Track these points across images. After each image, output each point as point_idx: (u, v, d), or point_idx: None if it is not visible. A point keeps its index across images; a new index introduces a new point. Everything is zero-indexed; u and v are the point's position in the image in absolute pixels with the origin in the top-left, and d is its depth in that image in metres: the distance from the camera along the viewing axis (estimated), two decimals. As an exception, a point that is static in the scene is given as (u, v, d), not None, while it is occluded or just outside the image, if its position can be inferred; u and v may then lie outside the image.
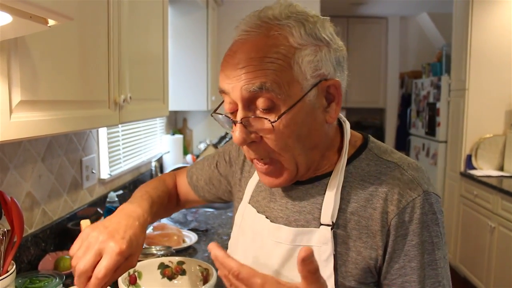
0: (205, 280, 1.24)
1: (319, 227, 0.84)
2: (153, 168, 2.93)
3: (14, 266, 1.12)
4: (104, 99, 1.36)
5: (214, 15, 3.45)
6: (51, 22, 0.79)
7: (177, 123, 3.90)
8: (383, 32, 6.22)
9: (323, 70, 0.78)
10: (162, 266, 1.31)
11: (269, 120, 0.76)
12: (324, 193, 0.86)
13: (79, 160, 1.95)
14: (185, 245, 1.78)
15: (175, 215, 2.30)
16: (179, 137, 3.39)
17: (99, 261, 0.80)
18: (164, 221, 2.21)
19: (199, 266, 1.29)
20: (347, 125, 0.92)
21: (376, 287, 0.84)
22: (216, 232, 2.02)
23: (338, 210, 0.83)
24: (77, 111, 1.18)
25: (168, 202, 1.15)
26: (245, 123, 0.78)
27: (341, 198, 0.84)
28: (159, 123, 3.34)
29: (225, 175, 1.13)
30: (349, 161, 0.87)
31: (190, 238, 1.86)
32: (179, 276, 1.30)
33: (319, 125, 0.82)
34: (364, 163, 0.87)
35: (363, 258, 0.81)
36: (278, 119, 0.76)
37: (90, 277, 0.80)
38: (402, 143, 5.97)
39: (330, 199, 0.84)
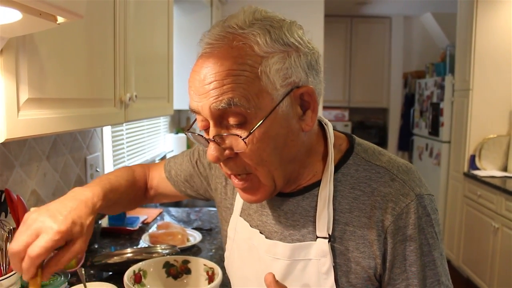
0: (211, 279, 1.24)
1: (315, 240, 0.83)
2: (157, 167, 2.92)
3: (21, 264, 1.12)
4: (110, 97, 1.36)
5: (218, 14, 3.45)
6: (60, 19, 0.79)
7: (181, 122, 3.90)
8: (386, 32, 6.21)
9: (293, 77, 0.74)
10: (167, 265, 1.31)
11: (241, 136, 0.72)
12: (316, 205, 0.84)
13: (84, 159, 1.96)
14: (189, 244, 1.77)
15: (178, 214, 2.30)
16: (182, 136, 3.39)
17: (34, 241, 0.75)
18: (168, 219, 2.21)
19: (205, 265, 1.29)
20: (329, 128, 0.88)
21: None
22: (220, 231, 2.01)
23: (333, 222, 0.82)
24: (83, 109, 1.18)
25: (133, 192, 1.09)
26: (218, 141, 0.75)
27: (334, 209, 0.82)
28: (162, 122, 3.34)
29: (205, 175, 1.09)
30: (337, 168, 0.84)
31: (194, 237, 1.86)
32: (184, 275, 1.30)
33: (295, 135, 0.78)
34: (353, 169, 0.84)
35: (362, 268, 0.81)
36: (249, 134, 0.72)
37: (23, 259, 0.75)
38: (405, 143, 5.97)
39: (323, 211, 0.82)
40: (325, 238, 0.81)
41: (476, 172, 3.82)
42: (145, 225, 2.09)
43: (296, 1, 4.19)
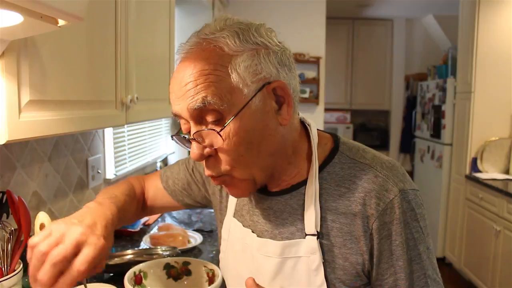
0: (211, 281, 1.24)
1: (305, 238, 0.85)
2: (158, 169, 2.93)
3: (22, 265, 1.13)
4: (111, 99, 1.37)
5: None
6: (61, 22, 0.79)
7: (182, 124, 3.90)
8: (388, 34, 6.22)
9: (263, 73, 0.77)
10: (168, 267, 1.31)
11: (217, 131, 0.76)
12: (303, 203, 0.86)
13: (85, 160, 1.96)
14: (190, 245, 1.78)
15: (179, 216, 2.31)
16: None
17: (76, 253, 0.73)
18: (169, 221, 2.21)
19: (205, 266, 1.29)
20: (313, 129, 0.91)
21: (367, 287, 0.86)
22: (221, 233, 2.02)
23: (320, 219, 0.84)
24: (84, 111, 1.19)
25: (134, 208, 1.11)
26: (198, 139, 0.78)
27: (320, 207, 0.84)
28: (164, 124, 3.34)
29: (202, 182, 1.11)
30: (322, 167, 0.87)
31: (195, 238, 1.86)
32: (185, 277, 1.30)
33: (273, 130, 0.80)
34: (338, 167, 0.86)
35: (351, 264, 0.83)
36: (223, 128, 0.75)
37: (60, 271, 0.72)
38: (407, 146, 5.96)
39: (310, 209, 0.84)
40: (313, 235, 0.83)
41: (478, 175, 3.82)
42: (146, 227, 2.10)
43: (298, 3, 4.20)
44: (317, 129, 0.93)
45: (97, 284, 1.25)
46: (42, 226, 0.91)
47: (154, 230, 2.01)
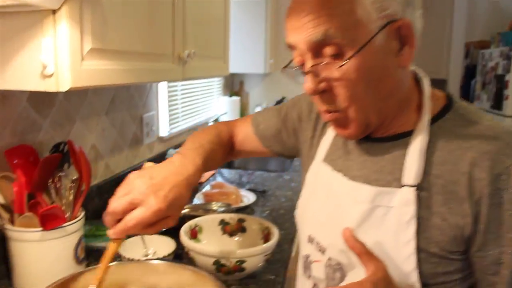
0: (266, 239, 1.24)
1: (400, 188, 0.79)
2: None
3: (84, 212, 1.15)
4: (169, 53, 1.35)
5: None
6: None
7: (234, 86, 3.88)
8: (449, -4, 5.90)
9: (389, 10, 0.72)
10: (223, 223, 1.31)
11: (337, 66, 0.73)
12: (406, 153, 0.80)
13: (140, 117, 1.98)
14: (242, 204, 1.78)
15: (230, 176, 2.31)
16: (236, 99, 3.38)
17: (132, 209, 0.77)
18: (221, 180, 2.22)
19: (260, 224, 1.28)
20: (425, 81, 0.85)
21: (461, 257, 0.77)
22: (273, 194, 2.01)
23: (423, 173, 0.78)
24: (142, 63, 1.18)
25: (221, 154, 1.09)
26: (314, 72, 0.75)
27: (425, 160, 0.78)
28: (216, 85, 3.33)
29: (293, 129, 1.09)
30: (433, 121, 0.81)
31: (248, 198, 1.85)
32: (240, 233, 1.30)
33: (392, 71, 0.77)
34: (450, 123, 0.80)
35: (449, 225, 0.75)
36: (344, 64, 0.72)
37: (119, 220, 0.78)
38: (464, 115, 5.72)
39: (414, 159, 0.78)
40: (412, 186, 0.77)
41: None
42: (199, 185, 2.11)
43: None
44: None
45: (153, 236, 1.26)
46: None
47: (207, 188, 2.02)
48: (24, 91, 1.22)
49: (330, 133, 0.97)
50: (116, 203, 0.78)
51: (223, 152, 1.10)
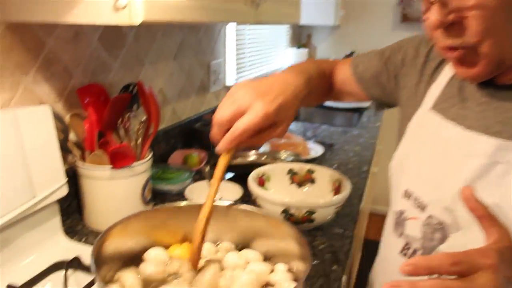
0: (336, 191, 1.18)
1: None
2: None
3: (151, 154, 1.14)
4: (241, -7, 1.29)
5: None
6: None
7: (301, 39, 3.76)
8: None
9: None
10: (291, 172, 1.26)
11: None
12: None
13: (207, 64, 1.94)
14: (310, 157, 1.72)
15: (296, 128, 2.25)
16: (304, 50, 3.27)
17: (238, 117, 0.72)
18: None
19: (331, 176, 1.22)
20: None
21: None
22: (342, 148, 1.92)
23: None
24: (215, 2, 1.12)
25: (323, 86, 1.02)
26: (442, 1, 0.65)
27: None
28: (283, 36, 3.23)
29: (394, 74, 0.99)
30: None
31: (316, 150, 1.79)
32: (309, 184, 1.25)
33: None
34: None
35: None
36: None
37: (227, 131, 0.73)
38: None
39: None
40: None
41: None
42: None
43: None
44: None
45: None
46: None
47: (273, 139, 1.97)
48: (95, 29, 1.20)
49: (442, 79, 0.86)
50: (222, 111, 0.73)
51: (324, 86, 1.04)
